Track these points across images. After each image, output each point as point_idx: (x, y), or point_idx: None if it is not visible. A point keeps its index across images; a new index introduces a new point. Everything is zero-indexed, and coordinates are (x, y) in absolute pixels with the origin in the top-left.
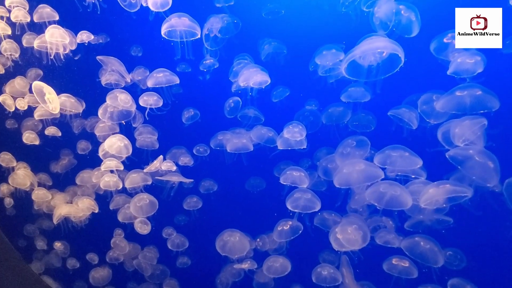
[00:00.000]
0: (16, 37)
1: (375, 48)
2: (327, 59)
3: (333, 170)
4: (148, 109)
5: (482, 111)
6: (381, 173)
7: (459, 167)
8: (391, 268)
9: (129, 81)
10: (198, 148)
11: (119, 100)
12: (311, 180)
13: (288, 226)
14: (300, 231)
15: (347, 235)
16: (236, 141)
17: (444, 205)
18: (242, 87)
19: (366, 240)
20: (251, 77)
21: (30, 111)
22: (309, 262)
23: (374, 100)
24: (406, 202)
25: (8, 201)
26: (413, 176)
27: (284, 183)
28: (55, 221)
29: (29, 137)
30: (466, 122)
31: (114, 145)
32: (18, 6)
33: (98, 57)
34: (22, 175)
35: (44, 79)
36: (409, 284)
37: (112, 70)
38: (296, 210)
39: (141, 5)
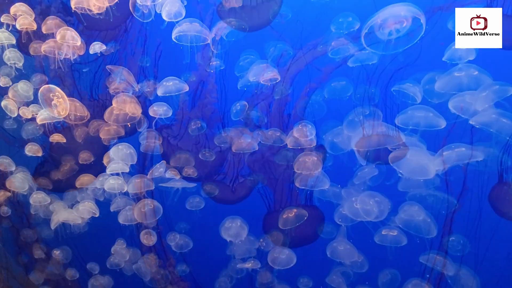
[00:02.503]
0: (21, 46)
1: (397, 11)
2: (342, 27)
3: (339, 144)
4: (156, 118)
5: None
6: (402, 137)
7: (490, 129)
8: (382, 240)
9: (137, 90)
10: (204, 153)
11: (126, 105)
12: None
13: (293, 213)
14: (305, 218)
15: (366, 206)
16: (241, 141)
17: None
18: (250, 83)
19: (384, 215)
20: (261, 73)
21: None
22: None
23: (378, 77)
24: (430, 171)
25: (6, 210)
26: None
27: (298, 171)
28: (52, 227)
29: (32, 149)
30: (495, 88)
31: (120, 152)
32: (23, 14)
33: (108, 67)
34: (20, 178)
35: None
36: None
37: (121, 79)
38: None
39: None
